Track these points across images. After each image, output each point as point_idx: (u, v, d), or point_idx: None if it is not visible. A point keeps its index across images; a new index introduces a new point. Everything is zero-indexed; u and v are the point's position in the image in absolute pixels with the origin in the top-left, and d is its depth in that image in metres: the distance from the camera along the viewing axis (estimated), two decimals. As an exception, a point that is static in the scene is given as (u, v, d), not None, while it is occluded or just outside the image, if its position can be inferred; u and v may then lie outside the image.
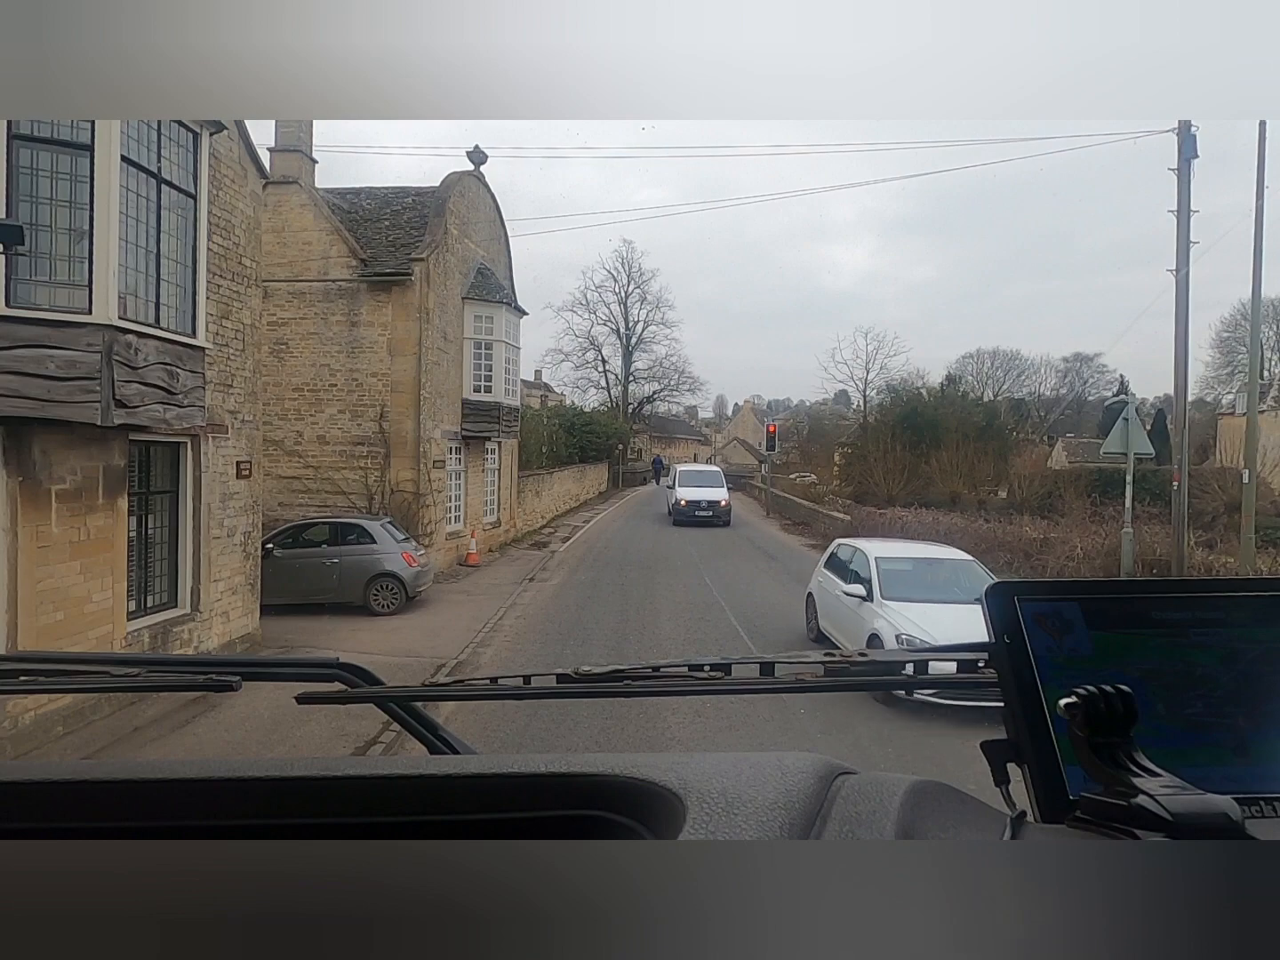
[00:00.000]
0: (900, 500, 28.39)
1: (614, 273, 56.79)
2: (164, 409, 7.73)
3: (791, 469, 50.04)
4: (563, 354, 56.81)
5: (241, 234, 10.72)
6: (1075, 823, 0.74)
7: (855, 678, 1.08)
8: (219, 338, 10.07)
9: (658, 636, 11.98)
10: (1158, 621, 0.88)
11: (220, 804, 0.88)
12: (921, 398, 39.60)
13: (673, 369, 59.20)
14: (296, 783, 0.90)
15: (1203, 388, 55.15)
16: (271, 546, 13.82)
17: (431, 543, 17.74)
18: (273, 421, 17.49)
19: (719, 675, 1.08)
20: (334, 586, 13.77)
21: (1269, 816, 0.79)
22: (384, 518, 15.42)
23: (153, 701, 8.23)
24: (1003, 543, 17.32)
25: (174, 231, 8.07)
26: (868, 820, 0.73)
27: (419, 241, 17.79)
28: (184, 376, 8.00)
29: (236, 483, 10.79)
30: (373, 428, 17.37)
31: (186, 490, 9.82)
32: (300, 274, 17.42)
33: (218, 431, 10.21)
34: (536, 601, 14.90)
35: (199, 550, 9.95)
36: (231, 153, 10.57)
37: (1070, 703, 0.73)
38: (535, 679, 1.14)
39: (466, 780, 0.88)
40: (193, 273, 8.38)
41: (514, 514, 24.82)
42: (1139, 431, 12.98)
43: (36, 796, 0.89)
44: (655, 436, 71.43)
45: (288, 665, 1.33)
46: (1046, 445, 52.19)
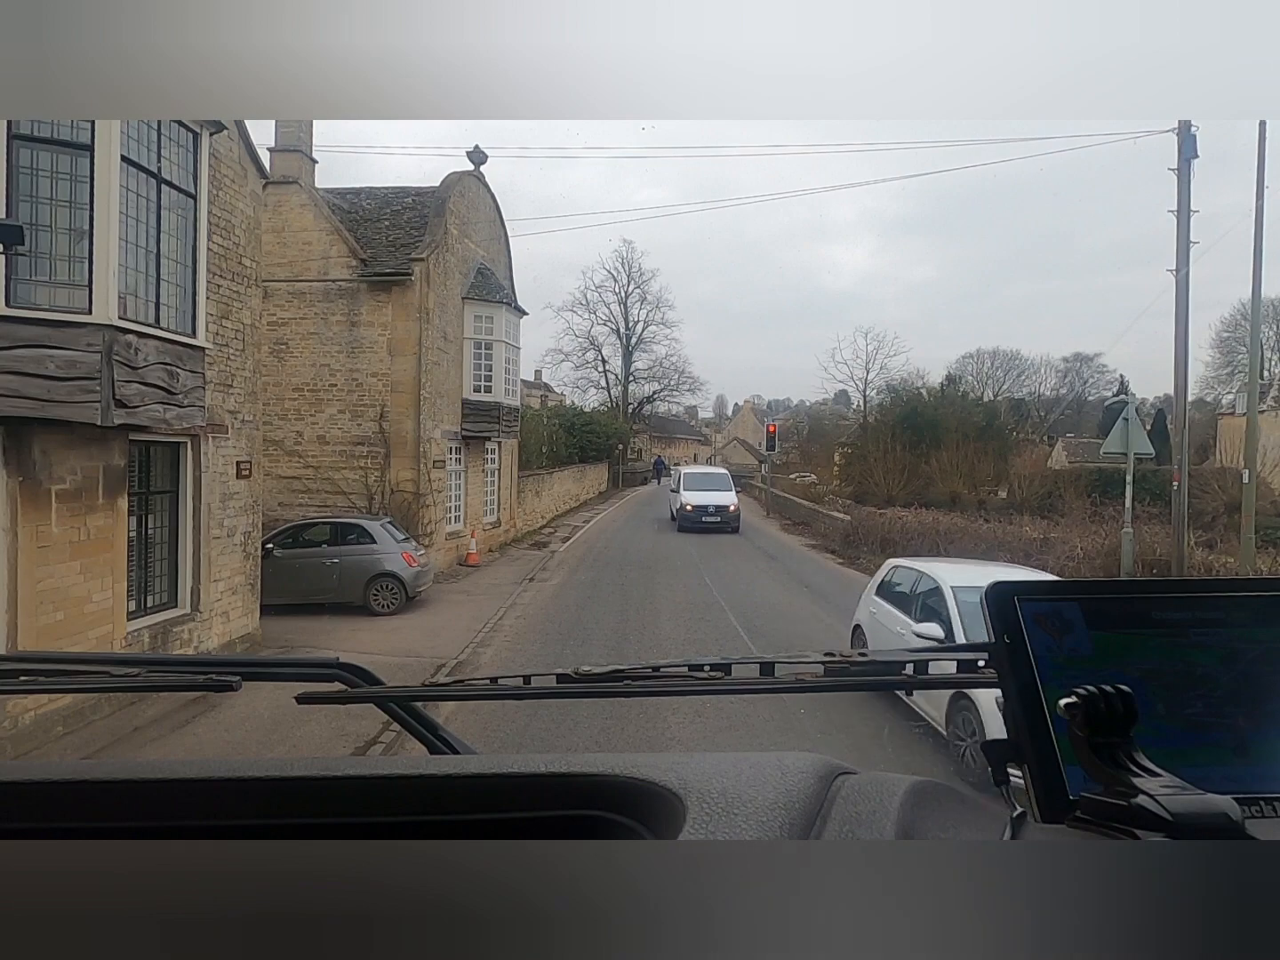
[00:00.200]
0: (900, 500, 28.40)
1: (614, 273, 56.87)
2: (164, 409, 7.73)
3: (791, 469, 50.07)
4: (563, 354, 56.88)
5: (241, 234, 10.72)
6: (1075, 823, 0.74)
7: (855, 678, 1.08)
8: (219, 338, 10.07)
9: (658, 636, 11.98)
10: (1158, 621, 0.88)
11: (220, 804, 0.88)
12: (921, 398, 39.63)
13: (673, 369, 59.26)
14: (296, 783, 0.90)
15: (1203, 388, 55.19)
16: (271, 546, 13.82)
17: (431, 543, 17.74)
18: (273, 421, 17.49)
19: (719, 675, 1.08)
20: (334, 586, 13.78)
21: (1269, 816, 0.79)
22: (384, 518, 15.42)
23: (153, 701, 8.21)
24: (1002, 543, 17.35)
25: (174, 231, 8.08)
26: (868, 820, 0.73)
27: (419, 241, 17.79)
28: (184, 376, 8.01)
29: (236, 483, 10.79)
30: (373, 428, 17.38)
31: (187, 490, 9.82)
32: (300, 274, 17.42)
33: (218, 431, 10.21)
34: (536, 601, 14.90)
35: (199, 550, 9.95)
36: (231, 153, 10.57)
37: (1070, 703, 0.73)
38: (535, 679, 1.13)
39: (466, 780, 0.88)
40: (193, 273, 8.38)
41: (514, 514, 24.82)
42: (1139, 431, 12.99)
43: (36, 796, 0.89)
44: (655, 436, 71.42)
45: (287, 665, 1.33)
46: (1046, 445, 52.17)
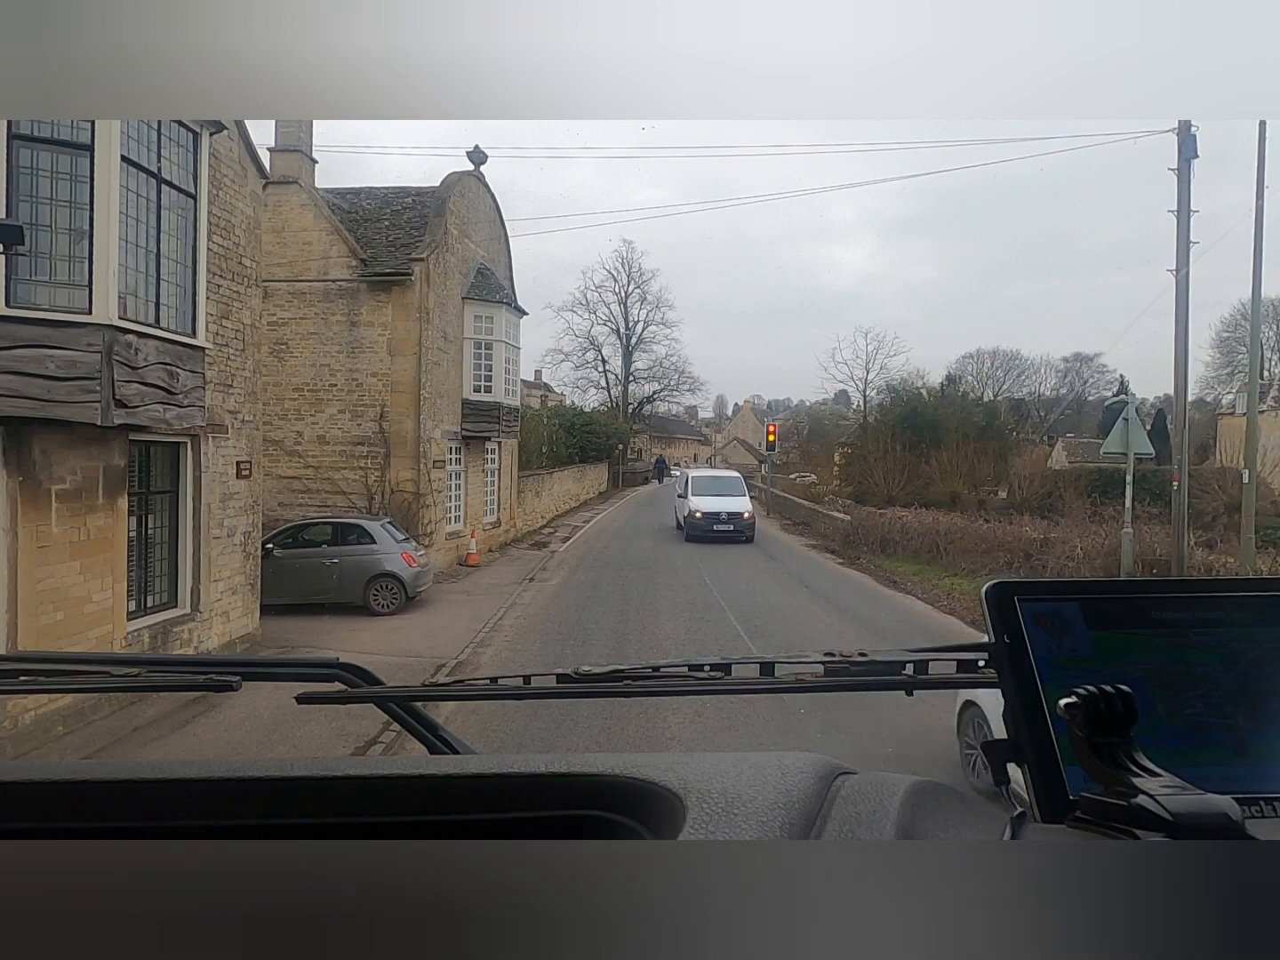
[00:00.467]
0: (900, 500, 28.36)
1: (614, 273, 56.84)
2: (164, 409, 7.73)
3: (791, 469, 50.05)
4: (563, 354, 56.85)
5: (241, 234, 10.72)
6: (1075, 823, 0.74)
7: (855, 678, 1.08)
8: (219, 338, 10.07)
9: (658, 637, 11.98)
10: (1158, 621, 0.88)
11: (220, 804, 0.87)
12: (922, 398, 39.56)
13: (673, 369, 59.23)
14: (296, 783, 0.90)
15: (1203, 388, 55.18)
16: (271, 546, 13.82)
17: (431, 543, 17.73)
18: (273, 421, 17.48)
19: (719, 675, 1.08)
20: (334, 586, 13.78)
21: (1269, 816, 0.79)
22: (384, 518, 15.42)
23: (153, 701, 8.20)
24: (1002, 543, 17.34)
25: (174, 231, 8.08)
26: (868, 820, 0.73)
27: (419, 241, 17.79)
28: (184, 376, 8.01)
29: (236, 483, 10.79)
30: (373, 428, 17.37)
31: (187, 490, 9.82)
32: (300, 274, 17.42)
33: (218, 431, 10.22)
34: (536, 601, 14.90)
35: (199, 550, 9.95)
36: (231, 153, 10.57)
37: (1070, 703, 0.73)
38: (535, 679, 1.13)
39: (466, 780, 0.88)
40: (193, 273, 8.38)
41: (514, 514, 24.82)
42: (1139, 431, 12.97)
43: (36, 796, 0.88)
44: (655, 436, 71.41)
45: (287, 665, 1.33)
46: (1046, 445, 52.14)
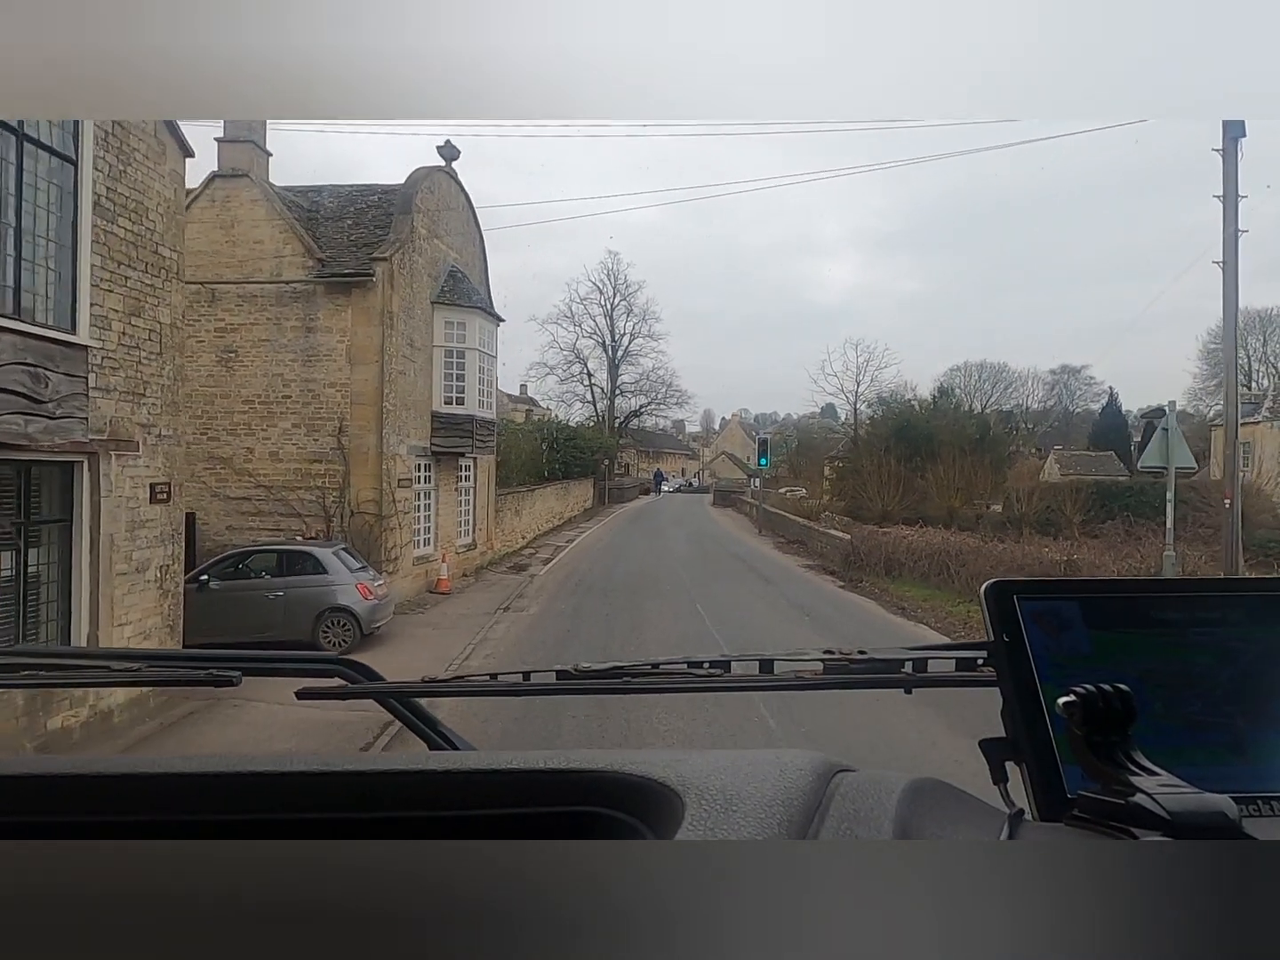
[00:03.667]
0: (896, 516, 27.33)
1: (600, 285, 55.72)
2: (25, 421, 6.19)
3: (781, 483, 49.03)
4: (547, 367, 55.65)
5: (158, 218, 9.20)
6: (1073, 821, 0.75)
7: (854, 676, 1.09)
8: (127, 338, 8.53)
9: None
10: (1156, 621, 0.89)
11: (218, 800, 0.88)
12: (913, 410, 38.74)
13: (660, 382, 58.17)
14: (295, 778, 0.90)
15: (1191, 399, 55.01)
16: (207, 577, 12.30)
17: (396, 569, 16.23)
18: (220, 437, 16.04)
19: (718, 672, 1.12)
20: (278, 622, 12.22)
21: (1267, 815, 0.80)
22: (338, 544, 13.87)
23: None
24: (1021, 564, 15.92)
25: (44, 204, 6.55)
26: (866, 818, 0.74)
27: (383, 240, 16.33)
28: (56, 381, 6.46)
29: (150, 508, 9.21)
30: (331, 443, 15.87)
31: (83, 519, 8.23)
32: (250, 275, 15.95)
33: (125, 448, 8.64)
34: (509, 636, 13.37)
35: (97, 589, 8.37)
36: (146, 125, 9.07)
37: (1069, 701, 0.74)
38: (535, 675, 1.17)
39: (466, 776, 0.90)
40: (72, 255, 6.84)
41: (491, 535, 23.31)
42: (1180, 443, 11.58)
43: (33, 791, 0.89)
44: (642, 451, 70.20)
45: (288, 660, 1.35)
46: (1038, 458, 51.34)
